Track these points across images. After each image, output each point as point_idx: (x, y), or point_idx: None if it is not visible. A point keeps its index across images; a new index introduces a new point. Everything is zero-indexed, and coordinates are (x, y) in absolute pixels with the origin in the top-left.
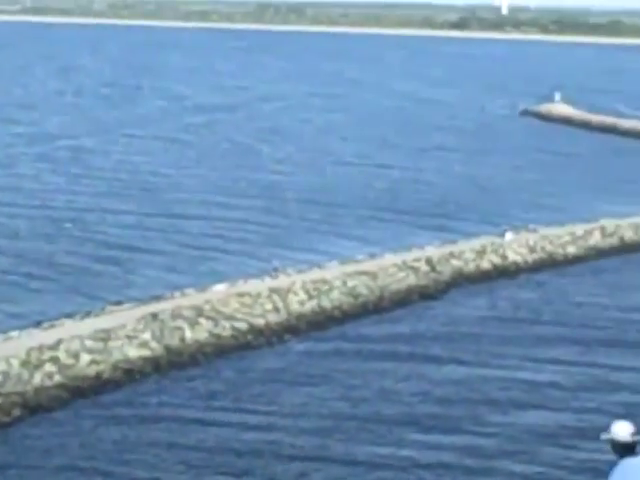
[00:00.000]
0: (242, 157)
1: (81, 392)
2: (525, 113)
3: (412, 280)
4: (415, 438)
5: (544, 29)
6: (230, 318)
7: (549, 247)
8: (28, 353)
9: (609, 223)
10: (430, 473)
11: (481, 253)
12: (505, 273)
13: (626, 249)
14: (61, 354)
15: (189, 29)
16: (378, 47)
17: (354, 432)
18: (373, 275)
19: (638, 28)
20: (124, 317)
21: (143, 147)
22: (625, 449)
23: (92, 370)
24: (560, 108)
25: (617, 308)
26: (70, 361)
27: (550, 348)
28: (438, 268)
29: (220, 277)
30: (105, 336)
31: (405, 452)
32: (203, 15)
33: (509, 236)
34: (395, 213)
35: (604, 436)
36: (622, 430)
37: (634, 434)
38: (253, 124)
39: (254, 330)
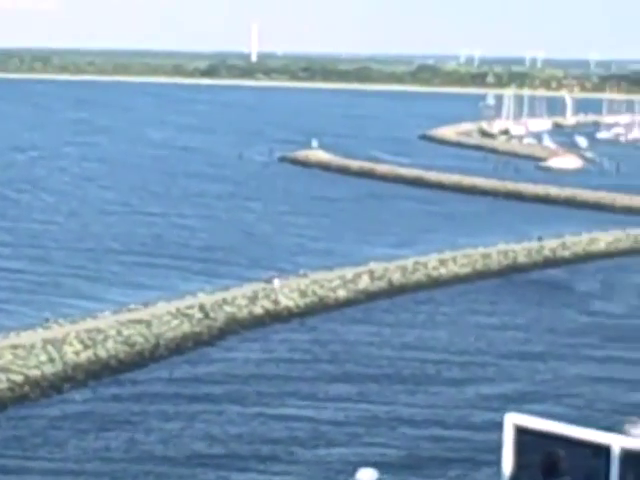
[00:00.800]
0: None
1: None
2: (283, 159)
3: (186, 327)
4: (203, 478)
5: (294, 76)
6: (5, 370)
7: (320, 291)
8: None
9: (377, 266)
10: None
11: (253, 299)
12: (278, 318)
13: (395, 291)
14: None
15: None
16: (128, 95)
17: (141, 476)
18: (147, 323)
19: (385, 74)
20: None
21: None
22: None
23: None
24: (318, 154)
25: (389, 347)
26: None
27: (329, 387)
28: (211, 315)
29: None
30: None
31: None
32: None
33: (277, 282)
34: (163, 259)
35: None
36: (366, 476)
37: None
38: (8, 174)
39: (30, 382)
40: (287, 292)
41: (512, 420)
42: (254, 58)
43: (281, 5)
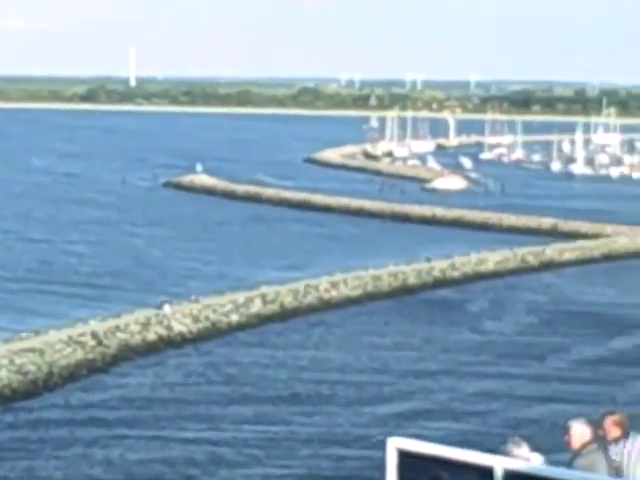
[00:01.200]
0: None
1: None
2: (168, 185)
3: (80, 355)
4: None
5: (175, 100)
6: None
7: (213, 316)
8: None
9: (269, 290)
10: None
11: (146, 325)
12: (172, 344)
13: (288, 315)
14: None
15: None
16: (5, 122)
17: None
18: (40, 352)
19: (266, 97)
20: None
21: None
22: None
23: None
24: (202, 179)
25: (284, 369)
26: None
27: (226, 410)
28: (105, 342)
29: None
30: None
31: None
32: None
33: (167, 308)
34: (52, 286)
35: None
36: None
37: None
38: None
39: None
40: (180, 317)
41: (395, 444)
42: (133, 82)
43: (159, 28)
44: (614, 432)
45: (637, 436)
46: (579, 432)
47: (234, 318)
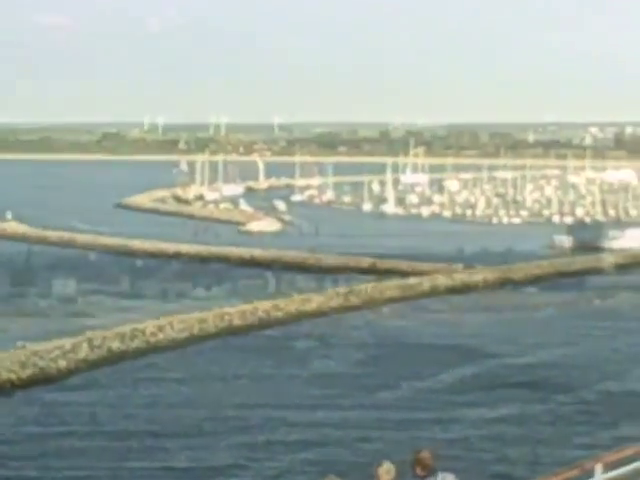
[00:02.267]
0: None
1: None
2: None
3: None
4: None
5: None
6: None
7: (41, 362)
8: None
9: (96, 335)
10: None
11: None
12: (0, 391)
13: (116, 359)
14: None
15: None
16: None
17: None
18: None
19: (68, 143)
20: None
21: None
22: None
23: None
24: (13, 226)
25: (118, 409)
26: None
27: (65, 448)
28: None
29: None
30: None
31: None
32: None
33: None
34: None
35: None
36: None
37: None
38: None
39: None
40: (7, 365)
41: None
42: None
43: None
44: (419, 470)
45: (445, 474)
46: (384, 471)
47: (62, 364)
